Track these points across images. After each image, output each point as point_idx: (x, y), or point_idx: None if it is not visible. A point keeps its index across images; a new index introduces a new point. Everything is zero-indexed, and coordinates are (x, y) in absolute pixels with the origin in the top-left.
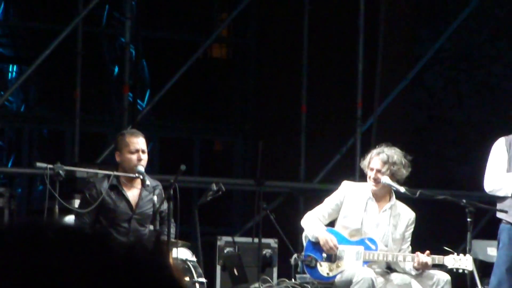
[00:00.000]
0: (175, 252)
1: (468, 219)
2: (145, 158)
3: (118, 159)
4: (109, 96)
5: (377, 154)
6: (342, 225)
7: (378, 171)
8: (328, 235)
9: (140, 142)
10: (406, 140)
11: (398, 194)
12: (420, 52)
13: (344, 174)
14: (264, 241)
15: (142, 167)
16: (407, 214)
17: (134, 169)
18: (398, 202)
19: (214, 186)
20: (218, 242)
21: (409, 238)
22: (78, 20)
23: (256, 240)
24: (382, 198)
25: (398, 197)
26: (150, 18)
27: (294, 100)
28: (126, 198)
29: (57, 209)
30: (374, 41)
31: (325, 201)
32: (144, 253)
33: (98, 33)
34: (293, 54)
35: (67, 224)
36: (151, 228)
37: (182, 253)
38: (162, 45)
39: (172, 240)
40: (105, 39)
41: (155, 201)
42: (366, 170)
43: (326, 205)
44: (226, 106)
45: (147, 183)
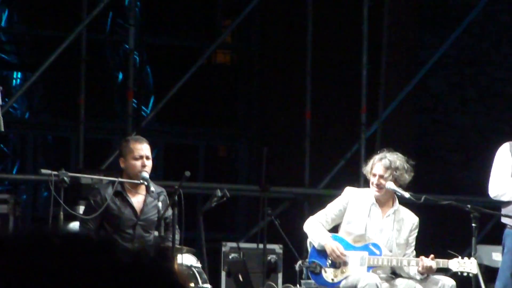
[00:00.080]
0: (180, 258)
1: (473, 224)
2: (149, 165)
3: (122, 166)
4: (113, 102)
5: (379, 160)
6: (346, 231)
7: (380, 177)
8: (334, 243)
9: (144, 148)
10: (411, 145)
11: (402, 200)
12: (424, 57)
13: (348, 180)
14: (269, 246)
15: (146, 174)
16: (411, 219)
17: (139, 175)
18: (401, 207)
19: (219, 192)
20: (223, 248)
21: (413, 242)
22: (82, 27)
23: (261, 246)
24: (385, 203)
25: (401, 202)
26: (153, 24)
27: (299, 105)
28: (130, 205)
29: (62, 215)
30: (378, 46)
31: (328, 206)
32: (149, 259)
33: (102, 39)
34: (297, 60)
35: (73, 231)
36: (156, 234)
37: (187, 259)
38: (166, 51)
39: (176, 246)
40: (109, 46)
41: (160, 207)
42: (368, 176)
43: (329, 210)
44: (230, 112)
45: (152, 189)
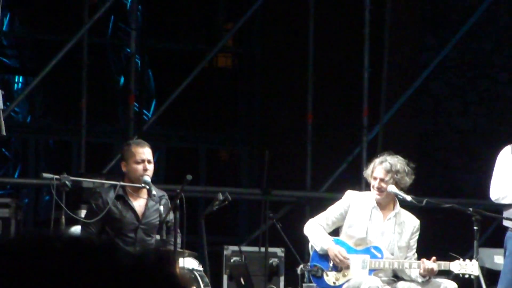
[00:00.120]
0: (182, 261)
1: (474, 227)
2: (151, 168)
3: (124, 169)
4: (115, 106)
5: (380, 163)
6: (347, 234)
7: (381, 180)
8: (337, 248)
9: (146, 152)
10: (412, 148)
11: (404, 203)
12: (426, 60)
13: (350, 183)
14: (270, 250)
15: (148, 177)
16: (412, 222)
17: (140, 179)
18: (402, 210)
19: (221, 196)
20: (225, 252)
21: (414, 245)
22: (84, 31)
23: (262, 249)
24: (386, 206)
25: (402, 205)
26: (155, 28)
27: (300, 109)
28: (132, 208)
29: (63, 219)
30: (379, 49)
31: (328, 209)
32: (151, 262)
33: (104, 43)
34: (298, 63)
35: (74, 234)
36: (158, 238)
37: (188, 262)
38: (167, 55)
39: (178, 249)
40: (110, 50)
41: (162, 211)
42: (369, 179)
43: (330, 213)
44: (232, 115)
45: (153, 193)
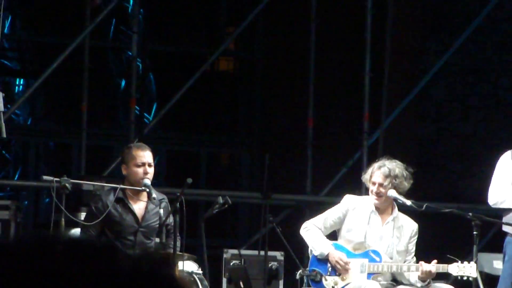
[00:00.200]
0: (181, 264)
1: (474, 232)
2: (151, 172)
3: (124, 172)
4: (116, 109)
5: (378, 168)
6: (345, 238)
7: (380, 185)
8: (337, 253)
9: (146, 155)
10: (413, 153)
11: (403, 207)
12: (426, 65)
13: (350, 187)
14: (270, 254)
15: (148, 180)
16: (410, 226)
17: (141, 182)
18: (401, 214)
19: (221, 199)
20: (224, 255)
21: (413, 249)
22: (85, 34)
23: (262, 253)
24: (384, 211)
25: (401, 209)
26: (156, 31)
27: (301, 113)
28: (132, 211)
29: (63, 222)
30: (381, 54)
31: (326, 212)
32: (150, 265)
33: (105, 47)
34: (299, 67)
35: (74, 236)
36: (157, 241)
37: (188, 265)
38: (169, 58)
39: (178, 253)
40: (112, 53)
41: (161, 214)
42: (368, 184)
43: (328, 216)
44: (232, 119)
45: (153, 196)
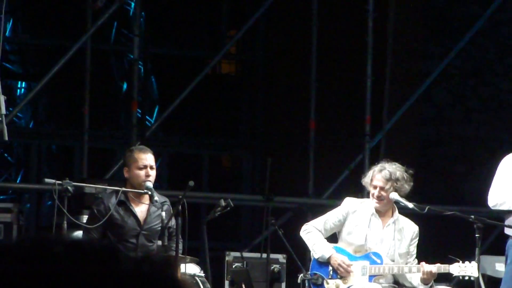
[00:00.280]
0: (184, 267)
1: (476, 235)
2: (153, 174)
3: (126, 175)
4: (117, 112)
5: (379, 172)
6: (346, 241)
7: (381, 189)
8: (340, 257)
9: (148, 158)
10: (414, 156)
11: (404, 210)
12: (428, 68)
13: (352, 190)
14: (272, 256)
15: (150, 183)
16: (411, 228)
17: (143, 185)
18: (401, 217)
19: (223, 202)
20: (227, 258)
21: (414, 251)
22: (87, 37)
23: (264, 255)
24: (385, 213)
25: (401, 211)
26: (158, 34)
27: (303, 116)
28: (134, 214)
29: (65, 224)
30: (382, 57)
31: (327, 214)
32: (153, 267)
33: (107, 49)
34: (301, 70)
35: (76, 238)
36: (159, 243)
37: (190, 268)
38: (170, 61)
39: (180, 255)
40: (113, 56)
41: (163, 217)
42: (368, 187)
43: (328, 219)
44: (234, 122)
45: (155, 199)
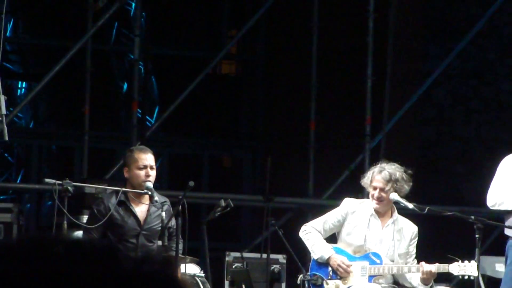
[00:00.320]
0: (184, 267)
1: (476, 235)
2: (153, 174)
3: (126, 175)
4: (118, 112)
5: (379, 173)
6: (345, 242)
7: (381, 190)
8: (339, 257)
9: (148, 158)
10: (415, 156)
11: (406, 210)
12: (429, 69)
13: (352, 191)
14: (272, 256)
15: (150, 183)
16: (410, 228)
17: (143, 185)
18: (400, 217)
19: (223, 202)
20: (227, 258)
21: (413, 251)
22: (87, 37)
23: (264, 255)
24: (384, 214)
25: (401, 212)
26: (159, 35)
27: (303, 116)
28: (134, 214)
29: (65, 224)
30: (383, 57)
31: (326, 215)
32: (153, 267)
33: (107, 50)
34: (302, 70)
35: (76, 238)
36: (159, 244)
37: (190, 268)
38: (171, 61)
39: (180, 255)
40: (114, 56)
41: (164, 217)
42: (368, 188)
43: (327, 220)
44: (234, 122)
45: (156, 199)
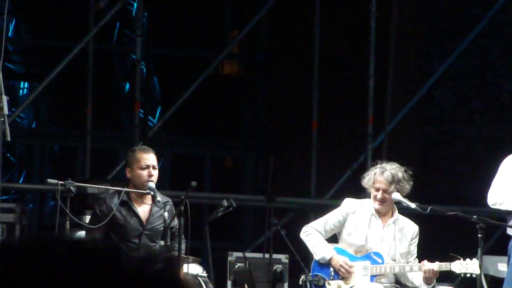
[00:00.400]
0: (186, 267)
1: (478, 235)
2: (155, 174)
3: (128, 175)
4: (120, 112)
5: (381, 174)
6: (346, 242)
7: (384, 191)
8: (341, 258)
9: (150, 158)
10: (417, 156)
11: (408, 210)
12: (431, 69)
13: (355, 190)
14: (275, 256)
15: (152, 183)
16: (411, 228)
17: (145, 185)
18: (401, 216)
19: (225, 202)
20: (229, 258)
21: (414, 250)
22: (89, 37)
23: (267, 255)
24: (385, 213)
25: (401, 211)
26: (161, 35)
27: (305, 116)
28: (136, 214)
29: (68, 225)
30: (385, 57)
31: (326, 215)
32: (155, 267)
33: (109, 50)
34: (303, 70)
35: (79, 238)
36: (162, 244)
37: (193, 268)
38: (173, 61)
39: (182, 255)
40: (116, 56)
41: (166, 217)
42: (369, 189)
43: (328, 220)
44: (237, 122)
45: (158, 199)
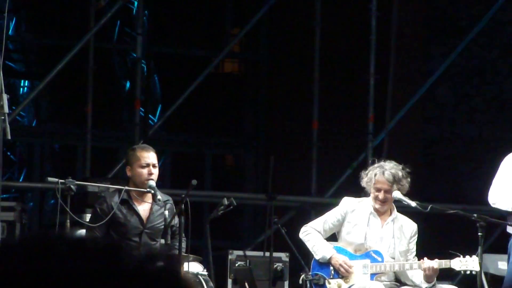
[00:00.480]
0: (187, 266)
1: (479, 233)
2: (156, 173)
3: (129, 174)
4: (120, 111)
5: (381, 174)
6: (346, 241)
7: (386, 192)
8: (341, 257)
9: (151, 156)
10: (417, 154)
11: (409, 208)
12: (431, 67)
13: (355, 189)
14: (275, 255)
15: (153, 182)
16: (410, 226)
17: (145, 183)
18: (399, 215)
19: (226, 201)
20: (230, 256)
21: (413, 248)
22: (90, 35)
23: (267, 254)
24: (384, 212)
25: (400, 210)
26: (161, 33)
27: (306, 115)
28: (137, 213)
29: (68, 223)
30: (386, 56)
31: (325, 215)
32: (156, 265)
33: (110, 48)
34: (304, 69)
35: (79, 237)
36: (162, 242)
37: (193, 267)
38: (173, 60)
39: (183, 254)
40: (116, 55)
41: (166, 215)
42: (369, 189)
43: (327, 219)
44: (237, 121)
45: (158, 198)
